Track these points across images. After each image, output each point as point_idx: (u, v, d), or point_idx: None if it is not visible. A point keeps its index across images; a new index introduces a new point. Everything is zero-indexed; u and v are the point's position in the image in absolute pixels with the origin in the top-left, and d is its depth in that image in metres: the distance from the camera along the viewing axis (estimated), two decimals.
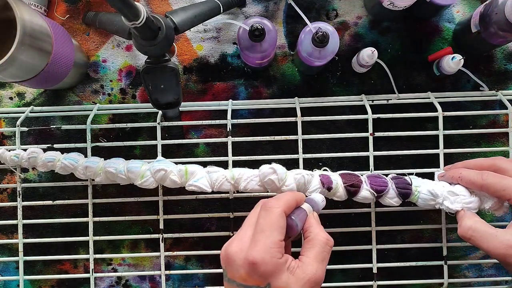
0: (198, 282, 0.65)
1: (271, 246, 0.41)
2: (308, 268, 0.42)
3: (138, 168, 0.55)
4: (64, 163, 0.57)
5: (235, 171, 0.54)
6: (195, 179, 0.54)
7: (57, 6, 0.65)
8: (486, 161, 0.52)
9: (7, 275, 0.66)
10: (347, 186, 0.52)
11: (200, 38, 0.65)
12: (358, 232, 0.60)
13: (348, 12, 0.65)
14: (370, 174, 0.54)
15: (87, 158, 0.58)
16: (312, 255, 0.43)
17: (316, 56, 0.55)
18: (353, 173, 0.54)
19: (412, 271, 0.62)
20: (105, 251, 0.65)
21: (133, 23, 0.42)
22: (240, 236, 0.43)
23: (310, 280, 0.41)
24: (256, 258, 0.40)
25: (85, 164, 0.56)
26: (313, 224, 0.46)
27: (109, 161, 0.57)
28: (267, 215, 0.43)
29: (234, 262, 0.41)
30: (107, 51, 0.65)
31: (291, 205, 0.45)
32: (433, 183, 0.53)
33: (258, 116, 0.64)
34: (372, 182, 0.53)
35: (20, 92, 0.66)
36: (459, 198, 0.51)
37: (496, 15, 0.52)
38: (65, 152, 0.58)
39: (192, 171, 0.54)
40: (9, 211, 0.65)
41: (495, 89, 0.63)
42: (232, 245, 0.42)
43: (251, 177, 0.53)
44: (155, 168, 0.54)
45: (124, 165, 0.56)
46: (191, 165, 0.55)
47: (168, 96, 0.54)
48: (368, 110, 0.58)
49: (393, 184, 0.53)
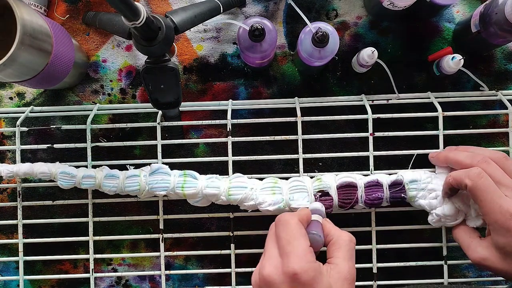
0: (198, 282, 0.65)
1: (304, 253, 0.41)
2: (341, 267, 0.42)
3: (136, 187, 0.56)
4: (61, 183, 0.57)
5: (234, 194, 0.54)
6: (194, 200, 0.56)
7: (57, 6, 0.65)
8: (490, 153, 0.51)
9: (7, 275, 0.66)
10: (342, 208, 0.55)
11: (200, 38, 0.65)
12: (358, 232, 0.60)
13: (348, 12, 0.65)
14: (369, 182, 0.55)
15: (83, 175, 0.56)
16: (342, 255, 0.43)
17: (316, 56, 0.55)
18: (350, 183, 0.54)
19: (412, 271, 0.62)
20: (105, 251, 0.65)
21: (133, 23, 0.42)
22: (268, 257, 0.42)
23: (347, 278, 0.42)
24: (295, 268, 0.39)
25: (82, 184, 0.56)
26: (331, 228, 0.47)
27: (106, 180, 0.56)
28: (286, 227, 0.43)
29: (274, 282, 0.40)
30: (107, 51, 0.65)
31: (303, 215, 0.46)
32: (426, 199, 0.55)
33: (258, 116, 0.64)
34: (368, 199, 0.54)
35: (20, 92, 0.66)
36: (443, 219, 0.54)
37: (496, 15, 0.52)
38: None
39: (191, 194, 0.55)
40: (9, 211, 0.65)
41: (495, 89, 0.63)
42: (265, 267, 0.41)
43: (249, 207, 0.55)
44: (152, 188, 0.55)
45: (121, 185, 0.56)
46: (188, 181, 0.55)
47: (168, 96, 0.54)
48: (368, 110, 0.58)
49: (388, 197, 0.54)
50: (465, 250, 0.51)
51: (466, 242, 0.51)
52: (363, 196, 0.54)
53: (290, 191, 0.54)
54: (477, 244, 0.50)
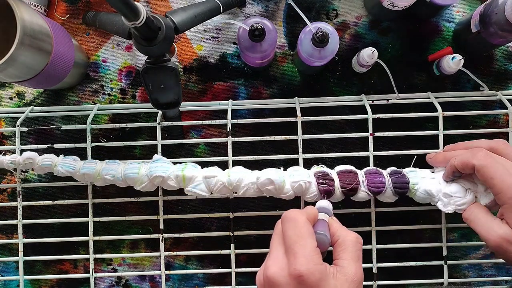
0: (198, 282, 0.65)
1: (311, 254, 0.39)
2: (348, 270, 0.41)
3: (136, 174, 0.55)
4: (61, 170, 0.56)
5: (233, 175, 0.54)
6: (193, 184, 0.54)
7: (57, 6, 0.65)
8: (489, 143, 0.51)
9: (7, 275, 0.66)
10: (344, 191, 0.53)
11: (200, 38, 0.65)
12: (358, 232, 0.60)
13: (348, 12, 0.65)
14: (368, 170, 0.55)
15: (84, 162, 0.57)
16: (348, 257, 0.42)
17: (316, 56, 0.55)
18: (350, 170, 0.54)
19: (412, 271, 0.62)
20: (105, 251, 0.65)
21: (133, 23, 0.42)
22: (273, 257, 0.41)
23: (354, 281, 0.40)
24: (301, 270, 0.38)
25: (82, 171, 0.56)
26: (337, 227, 0.45)
27: (107, 166, 0.56)
28: (294, 225, 0.41)
29: (279, 283, 0.38)
30: (107, 51, 0.65)
31: (310, 214, 0.45)
32: (430, 182, 0.53)
33: (258, 116, 0.64)
34: (370, 183, 0.53)
35: (20, 92, 0.66)
36: (453, 200, 0.51)
37: (496, 15, 0.52)
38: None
39: (190, 177, 0.54)
40: (9, 211, 0.65)
41: (495, 89, 0.63)
42: (270, 267, 0.39)
43: (248, 185, 0.53)
44: (152, 174, 0.54)
45: (121, 170, 0.55)
46: (188, 168, 0.55)
47: (168, 96, 0.54)
48: (368, 110, 0.58)
49: (391, 183, 0.53)
50: (481, 232, 0.47)
51: (481, 221, 0.48)
52: (364, 181, 0.53)
53: (291, 172, 0.54)
54: (496, 223, 0.46)
